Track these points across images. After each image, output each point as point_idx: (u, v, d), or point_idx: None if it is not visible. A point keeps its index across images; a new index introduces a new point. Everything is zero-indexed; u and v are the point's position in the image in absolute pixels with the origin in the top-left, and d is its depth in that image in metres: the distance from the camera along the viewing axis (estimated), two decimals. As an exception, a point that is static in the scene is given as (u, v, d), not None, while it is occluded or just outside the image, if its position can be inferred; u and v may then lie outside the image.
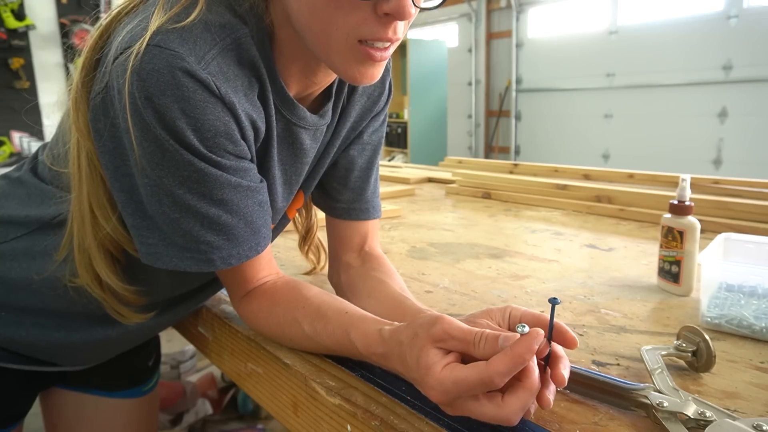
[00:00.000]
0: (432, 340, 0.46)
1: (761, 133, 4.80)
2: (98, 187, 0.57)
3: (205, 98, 0.49)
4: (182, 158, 0.50)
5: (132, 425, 0.91)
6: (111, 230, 0.58)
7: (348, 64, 0.52)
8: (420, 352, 0.46)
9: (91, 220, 0.58)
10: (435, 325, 0.46)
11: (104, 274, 0.60)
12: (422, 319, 0.48)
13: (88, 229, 0.58)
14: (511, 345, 0.42)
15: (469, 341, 0.44)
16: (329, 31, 0.50)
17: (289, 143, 0.64)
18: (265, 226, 0.59)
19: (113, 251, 0.60)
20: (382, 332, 0.51)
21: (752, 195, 1.27)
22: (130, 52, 0.49)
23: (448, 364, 0.44)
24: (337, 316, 0.56)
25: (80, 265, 0.60)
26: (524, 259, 1.01)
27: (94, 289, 0.61)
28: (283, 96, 0.59)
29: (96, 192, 0.57)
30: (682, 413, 0.45)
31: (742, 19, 4.77)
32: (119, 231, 0.58)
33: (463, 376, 0.43)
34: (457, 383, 0.43)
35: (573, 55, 6.14)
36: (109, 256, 0.60)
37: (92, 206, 0.57)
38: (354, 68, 0.52)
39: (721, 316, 0.67)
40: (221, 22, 0.52)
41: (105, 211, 0.57)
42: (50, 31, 3.67)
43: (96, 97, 0.53)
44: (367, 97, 0.72)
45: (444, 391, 0.43)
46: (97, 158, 0.56)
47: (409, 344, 0.47)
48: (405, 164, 2.86)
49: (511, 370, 0.42)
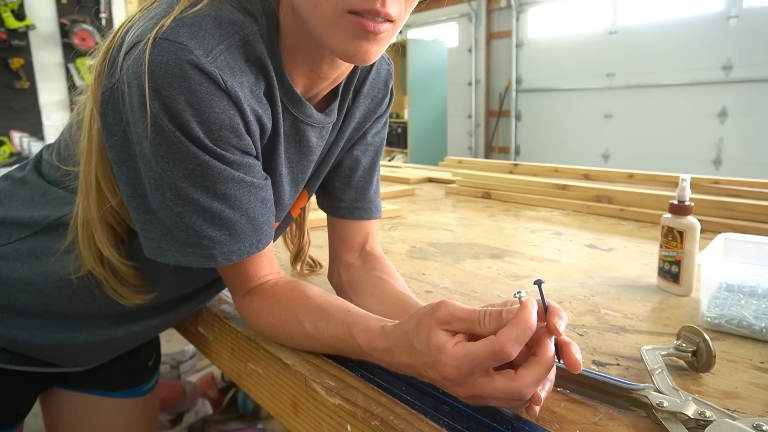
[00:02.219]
0: (438, 323, 0.47)
1: (761, 133, 4.80)
2: (107, 160, 0.57)
3: (212, 91, 0.50)
4: (187, 150, 0.51)
5: (132, 425, 0.91)
6: (116, 204, 0.58)
7: (341, 38, 0.51)
8: (428, 334, 0.47)
9: (96, 192, 0.58)
10: (439, 309, 0.47)
11: (105, 249, 0.59)
12: (425, 308, 0.49)
13: (93, 202, 0.58)
14: (516, 313, 0.44)
15: (474, 320, 0.46)
16: (319, 3, 0.50)
17: (297, 141, 0.64)
18: (268, 223, 0.59)
19: (116, 227, 0.60)
20: (384, 328, 0.52)
21: (752, 195, 1.27)
22: (140, 45, 0.49)
23: (459, 342, 0.46)
24: (339, 314, 0.57)
25: (83, 241, 0.60)
26: (524, 259, 1.01)
27: (94, 267, 0.61)
28: (291, 93, 0.60)
29: (104, 165, 0.57)
30: (682, 413, 0.45)
31: (742, 19, 4.77)
32: (124, 206, 0.58)
33: (475, 348, 0.44)
34: (469, 356, 0.44)
35: (573, 55, 6.14)
36: (111, 232, 0.60)
37: (99, 179, 0.58)
38: (347, 42, 0.51)
39: (721, 316, 0.67)
40: (231, 18, 0.53)
41: (111, 184, 0.58)
42: (50, 31, 3.66)
43: (106, 92, 0.54)
44: (371, 99, 0.73)
45: (457, 365, 0.44)
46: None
47: (416, 331, 0.48)
48: (405, 164, 2.86)
49: (521, 336, 0.43)
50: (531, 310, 0.44)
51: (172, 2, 0.53)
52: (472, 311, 0.46)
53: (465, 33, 7.36)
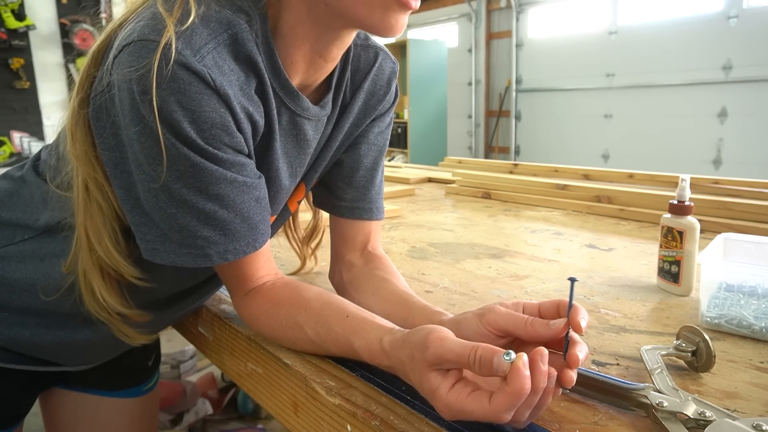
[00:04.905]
0: (428, 366, 0.45)
1: (761, 133, 4.80)
2: (94, 212, 0.58)
3: (201, 90, 0.50)
4: (178, 152, 0.51)
5: (132, 425, 0.91)
6: (103, 254, 0.59)
7: (383, 13, 0.53)
8: (421, 376, 0.46)
9: (87, 245, 0.59)
10: (427, 349, 0.45)
11: (106, 297, 0.60)
12: (416, 338, 0.47)
13: (85, 254, 0.59)
14: (507, 382, 0.41)
15: (464, 363, 0.44)
16: None
17: (294, 134, 0.65)
18: (263, 222, 0.59)
19: (112, 273, 0.61)
20: (383, 345, 0.51)
21: (752, 195, 1.27)
22: (128, 47, 0.50)
23: (453, 386, 0.44)
24: (338, 320, 0.56)
25: (84, 289, 0.61)
26: (524, 259, 1.01)
27: (99, 313, 0.62)
28: (287, 87, 0.60)
29: (92, 218, 0.58)
30: (681, 413, 0.45)
31: (741, 19, 4.77)
32: (111, 255, 0.59)
33: (469, 410, 0.42)
34: (462, 412, 0.43)
35: (573, 55, 6.14)
36: (108, 279, 0.61)
37: (88, 232, 0.58)
38: (389, 15, 0.53)
39: (721, 316, 0.67)
40: (219, 17, 0.53)
41: (98, 235, 0.58)
42: (50, 31, 3.67)
43: (97, 96, 0.54)
44: (371, 95, 0.72)
45: (450, 413, 0.44)
46: (93, 182, 0.57)
47: (410, 366, 0.47)
48: (405, 164, 2.86)
49: (515, 405, 0.41)
50: (524, 376, 0.40)
51: (160, 3, 0.52)
52: (461, 353, 0.43)
53: (465, 33, 7.36)
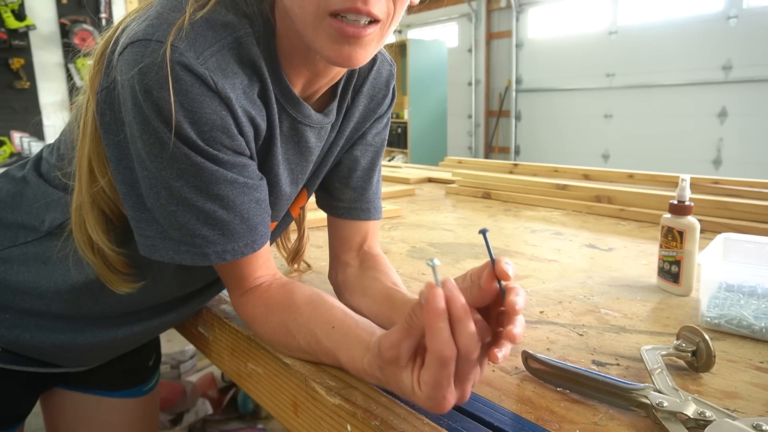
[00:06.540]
0: (393, 366, 0.45)
1: (761, 133, 4.80)
2: (100, 144, 0.57)
3: (202, 92, 0.51)
4: (179, 151, 0.51)
5: (132, 425, 0.91)
6: (105, 184, 0.58)
7: (323, 42, 0.51)
8: (397, 382, 0.46)
9: (88, 175, 0.58)
10: (379, 354, 0.46)
11: (95, 233, 0.59)
12: (375, 350, 0.47)
13: (85, 184, 0.59)
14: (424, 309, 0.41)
15: (409, 330, 0.43)
16: (303, 5, 0.50)
17: (295, 141, 0.64)
18: (263, 223, 0.59)
19: (108, 212, 0.60)
20: (364, 364, 0.50)
21: (752, 195, 1.28)
22: (133, 46, 0.50)
23: (417, 379, 0.44)
24: (325, 332, 0.55)
25: (75, 226, 0.60)
26: (524, 259, 1.01)
27: (85, 251, 0.61)
28: (288, 94, 0.60)
29: (97, 148, 0.58)
30: (681, 413, 0.45)
31: (741, 20, 4.77)
32: (115, 189, 0.58)
33: (430, 378, 0.42)
34: (435, 386, 0.42)
35: (573, 55, 6.14)
36: (102, 217, 0.60)
37: (91, 162, 0.58)
38: (329, 46, 0.51)
39: (721, 316, 0.67)
40: (224, 21, 0.53)
41: (103, 167, 0.58)
42: (50, 32, 3.66)
43: (102, 92, 0.54)
44: (371, 98, 0.72)
45: (434, 405, 0.43)
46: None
47: (385, 378, 0.47)
48: (405, 164, 2.86)
49: (436, 325, 0.40)
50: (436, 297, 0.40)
51: (166, 4, 0.53)
52: (402, 326, 0.44)
53: (465, 33, 7.36)
